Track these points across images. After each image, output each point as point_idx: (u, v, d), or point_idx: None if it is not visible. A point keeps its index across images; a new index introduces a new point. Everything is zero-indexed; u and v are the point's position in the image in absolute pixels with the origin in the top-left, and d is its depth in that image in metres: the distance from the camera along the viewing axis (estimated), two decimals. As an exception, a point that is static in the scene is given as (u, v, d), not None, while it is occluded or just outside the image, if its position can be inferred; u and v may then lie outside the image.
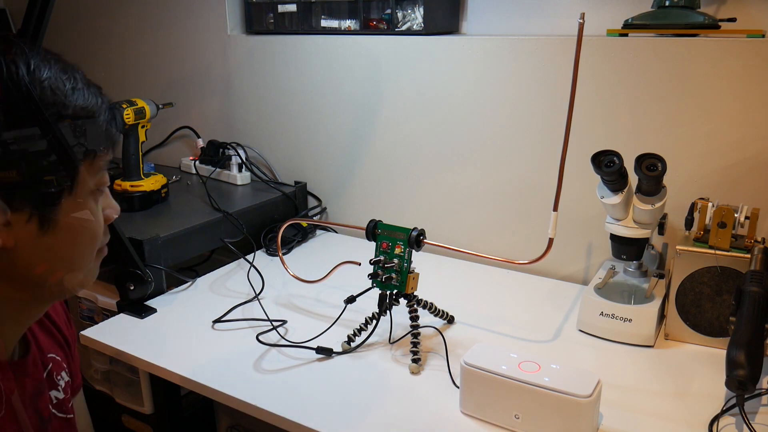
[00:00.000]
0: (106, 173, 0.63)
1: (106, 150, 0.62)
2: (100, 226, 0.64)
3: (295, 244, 1.40)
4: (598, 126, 1.16)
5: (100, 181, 0.62)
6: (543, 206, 1.25)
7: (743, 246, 0.94)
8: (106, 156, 0.62)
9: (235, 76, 1.59)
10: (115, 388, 1.15)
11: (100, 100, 0.61)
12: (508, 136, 1.26)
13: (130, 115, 1.31)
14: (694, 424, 0.79)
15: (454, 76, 1.28)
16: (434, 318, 1.05)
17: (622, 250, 1.02)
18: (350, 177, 1.48)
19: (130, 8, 1.73)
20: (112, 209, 0.67)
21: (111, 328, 1.03)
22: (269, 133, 1.57)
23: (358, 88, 1.41)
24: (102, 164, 0.62)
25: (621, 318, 0.98)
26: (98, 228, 0.63)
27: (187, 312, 1.09)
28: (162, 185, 1.38)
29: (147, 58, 1.74)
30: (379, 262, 0.98)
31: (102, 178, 0.63)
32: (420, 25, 1.30)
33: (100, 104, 0.60)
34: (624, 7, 1.18)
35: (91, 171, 0.60)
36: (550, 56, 1.17)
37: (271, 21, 1.51)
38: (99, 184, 0.62)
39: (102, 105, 0.61)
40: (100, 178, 0.62)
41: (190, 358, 0.95)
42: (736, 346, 0.78)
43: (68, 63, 0.60)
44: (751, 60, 1.01)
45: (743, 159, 1.06)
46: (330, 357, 0.95)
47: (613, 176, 0.95)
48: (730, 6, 1.10)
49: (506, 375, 0.77)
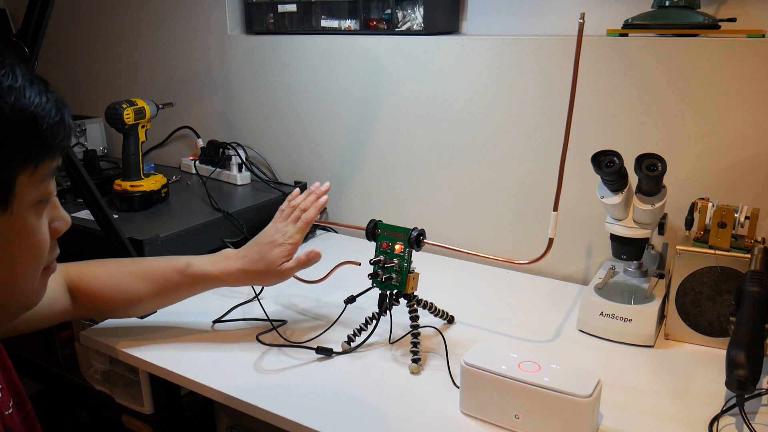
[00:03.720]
0: (53, 182, 0.56)
1: (50, 156, 0.54)
2: (45, 243, 0.56)
3: (295, 244, 1.40)
4: (598, 126, 1.16)
5: (43, 192, 0.54)
6: (543, 206, 1.25)
7: (743, 246, 0.94)
8: (51, 163, 0.54)
9: (235, 76, 1.59)
10: (115, 388, 1.15)
11: (44, 99, 0.52)
12: (508, 136, 1.26)
13: (130, 115, 1.31)
14: (694, 424, 0.79)
15: (454, 76, 1.28)
16: (434, 318, 1.05)
17: (622, 250, 1.02)
18: (350, 177, 1.48)
19: (130, 8, 1.73)
20: (61, 221, 0.59)
21: (111, 328, 1.03)
22: (269, 133, 1.57)
23: (358, 88, 1.41)
24: (46, 173, 0.54)
25: (621, 318, 0.98)
26: (41, 246, 0.56)
27: (187, 312, 1.09)
28: (162, 185, 1.38)
29: (147, 58, 1.74)
30: (379, 262, 0.98)
31: (46, 188, 0.54)
32: (420, 25, 1.30)
33: (43, 104, 0.52)
34: (624, 7, 1.18)
35: (32, 182, 0.52)
36: (550, 56, 1.17)
37: (271, 21, 1.51)
38: (43, 196, 0.54)
39: (46, 104, 0.52)
40: (44, 188, 0.54)
41: (190, 358, 0.95)
42: (736, 346, 0.78)
43: (7, 55, 0.52)
44: (751, 60, 1.01)
45: (743, 159, 1.06)
46: (330, 357, 0.95)
47: (613, 176, 0.95)
48: (730, 6, 1.10)
49: (506, 375, 0.77)
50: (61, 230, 0.59)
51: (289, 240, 0.97)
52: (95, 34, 1.83)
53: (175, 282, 0.96)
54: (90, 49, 1.85)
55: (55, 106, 0.53)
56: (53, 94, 0.54)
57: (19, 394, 0.70)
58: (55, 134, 0.53)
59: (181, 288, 0.97)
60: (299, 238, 0.99)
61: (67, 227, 0.60)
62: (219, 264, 0.97)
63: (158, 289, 0.95)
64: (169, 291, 0.96)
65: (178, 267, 0.96)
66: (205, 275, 0.96)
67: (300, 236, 0.99)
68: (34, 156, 0.52)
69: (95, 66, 1.86)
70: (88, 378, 1.23)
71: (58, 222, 0.59)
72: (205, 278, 0.97)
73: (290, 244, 0.97)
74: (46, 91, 0.53)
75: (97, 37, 1.83)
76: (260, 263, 0.96)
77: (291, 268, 0.97)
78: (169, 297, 0.98)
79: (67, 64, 1.91)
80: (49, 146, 0.53)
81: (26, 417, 0.70)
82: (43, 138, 0.52)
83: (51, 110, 0.52)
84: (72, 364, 1.27)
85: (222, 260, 0.97)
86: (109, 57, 1.82)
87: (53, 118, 0.53)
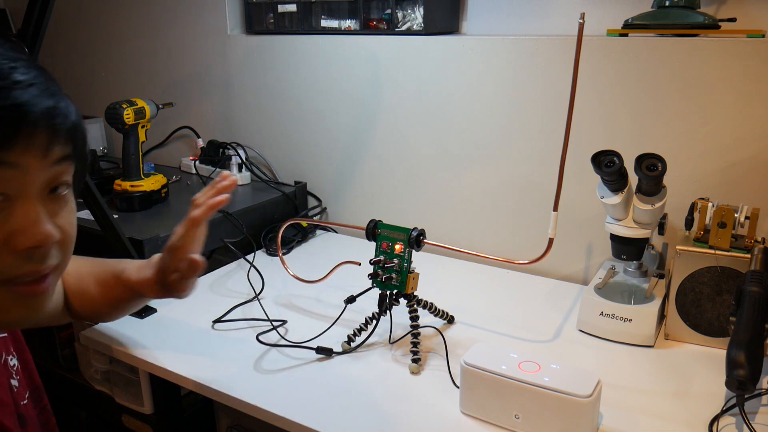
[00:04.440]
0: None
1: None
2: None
3: (295, 244, 1.40)
4: (598, 126, 1.16)
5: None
6: (543, 206, 1.25)
7: (743, 246, 0.94)
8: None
9: (235, 76, 1.59)
10: (115, 388, 1.15)
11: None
12: (508, 136, 1.26)
13: (130, 115, 1.31)
14: (694, 424, 0.79)
15: (454, 76, 1.28)
16: (434, 318, 1.05)
17: (622, 250, 1.02)
18: (350, 177, 1.48)
19: (130, 8, 1.73)
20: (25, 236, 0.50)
21: (111, 328, 1.03)
22: (269, 133, 1.57)
23: (358, 88, 1.41)
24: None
25: (621, 318, 0.98)
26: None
27: (187, 312, 1.09)
28: (162, 185, 1.38)
29: (147, 58, 1.74)
30: (379, 262, 0.98)
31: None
32: (420, 25, 1.30)
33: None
34: (624, 7, 1.18)
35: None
36: (550, 56, 1.17)
37: (271, 21, 1.51)
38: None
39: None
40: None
41: (190, 358, 0.95)
42: (736, 346, 0.78)
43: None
44: (751, 60, 1.01)
45: (743, 159, 1.06)
46: (330, 357, 0.95)
47: (613, 176, 0.95)
48: (730, 6, 1.10)
49: (506, 375, 0.77)
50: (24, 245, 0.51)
51: (176, 243, 0.79)
52: (95, 34, 1.83)
53: (113, 287, 0.86)
54: (90, 49, 1.85)
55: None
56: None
57: (38, 389, 0.70)
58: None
59: (120, 295, 0.87)
60: (184, 242, 0.79)
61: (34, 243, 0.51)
62: (140, 272, 0.85)
63: (103, 293, 0.87)
64: (111, 297, 0.87)
65: (116, 271, 0.86)
66: (130, 284, 0.85)
67: (185, 239, 0.79)
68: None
69: (95, 66, 1.86)
70: (88, 378, 1.23)
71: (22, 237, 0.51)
72: (130, 288, 0.85)
73: (176, 248, 0.79)
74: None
75: (97, 37, 1.83)
76: (160, 273, 0.82)
77: (175, 280, 0.80)
78: (114, 305, 0.89)
79: (67, 64, 1.91)
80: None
81: (42, 411, 0.71)
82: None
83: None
84: (72, 364, 1.27)
85: (143, 268, 0.85)
86: (109, 57, 1.82)
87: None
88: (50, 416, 0.72)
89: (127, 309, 0.93)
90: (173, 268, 0.79)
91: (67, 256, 0.58)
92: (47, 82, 0.52)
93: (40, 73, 0.52)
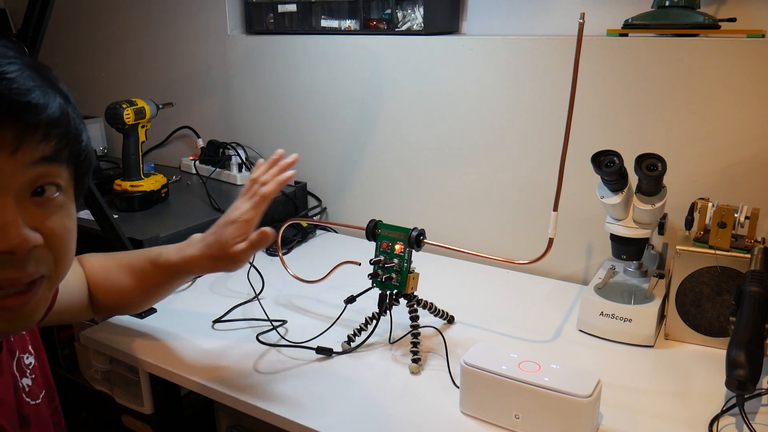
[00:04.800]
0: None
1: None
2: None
3: (295, 244, 1.40)
4: (598, 126, 1.16)
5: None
6: (543, 206, 1.25)
7: (743, 246, 0.94)
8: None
9: (235, 76, 1.59)
10: (115, 388, 1.15)
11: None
12: (508, 136, 1.26)
13: (130, 115, 1.31)
14: (694, 424, 0.79)
15: (454, 76, 1.28)
16: (434, 318, 1.05)
17: (622, 250, 1.02)
18: (350, 177, 1.48)
19: (130, 8, 1.73)
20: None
21: (111, 328, 1.03)
22: (269, 133, 1.57)
23: (358, 88, 1.41)
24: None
25: (621, 318, 0.98)
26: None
27: (187, 312, 1.09)
28: (162, 185, 1.38)
29: (147, 58, 1.74)
30: (379, 262, 0.98)
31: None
32: (420, 25, 1.30)
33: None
34: (624, 7, 1.18)
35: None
36: (550, 56, 1.17)
37: (271, 21, 1.51)
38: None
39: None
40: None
41: (190, 358, 0.95)
42: (736, 346, 0.78)
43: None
44: (751, 60, 1.01)
45: (743, 159, 1.06)
46: (330, 357, 0.95)
47: (613, 176, 0.95)
48: (730, 6, 1.10)
49: (506, 375, 0.77)
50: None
51: (242, 216, 0.86)
52: (95, 34, 1.83)
53: (150, 273, 0.90)
54: (90, 49, 1.85)
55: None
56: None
57: (51, 390, 0.71)
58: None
59: (157, 280, 0.91)
60: (253, 215, 0.86)
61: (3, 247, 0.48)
62: (182, 251, 0.89)
63: (139, 282, 0.90)
64: (148, 284, 0.91)
65: (151, 257, 0.90)
66: (171, 265, 0.89)
67: (254, 213, 0.86)
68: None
69: (95, 66, 1.86)
70: (88, 378, 1.23)
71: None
72: (172, 268, 0.90)
73: (243, 221, 0.85)
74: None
75: (97, 37, 1.83)
76: (215, 246, 0.86)
77: (243, 250, 0.85)
78: (150, 291, 0.93)
79: (67, 64, 1.91)
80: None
81: (54, 411, 0.71)
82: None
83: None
84: (72, 364, 1.27)
85: (186, 247, 0.89)
86: (109, 57, 1.82)
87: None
88: (61, 418, 0.72)
89: (163, 294, 0.96)
90: (238, 239, 0.84)
91: (61, 263, 0.55)
92: (29, 78, 0.49)
93: (23, 68, 0.49)
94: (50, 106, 0.50)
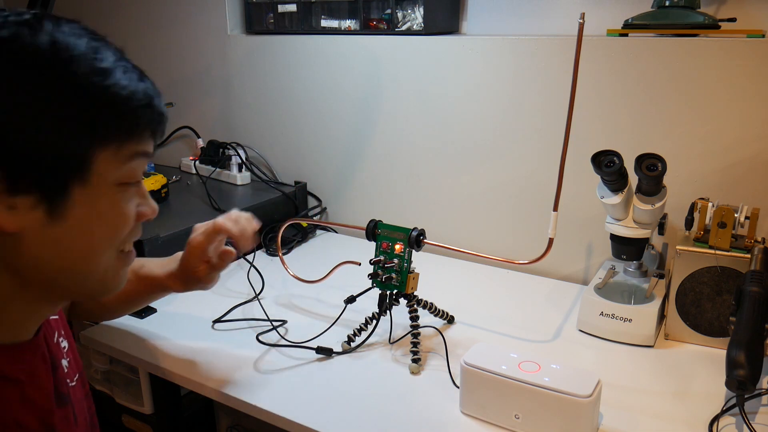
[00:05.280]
0: (140, 166, 0.58)
1: (136, 138, 0.56)
2: (125, 220, 0.58)
3: (295, 244, 1.40)
4: (598, 126, 1.16)
5: (127, 174, 0.56)
6: (543, 206, 1.25)
7: (743, 246, 0.94)
8: (137, 145, 0.56)
9: (235, 76, 1.59)
10: (115, 388, 1.15)
11: (134, 83, 0.55)
12: (508, 136, 1.26)
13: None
14: (694, 424, 0.79)
15: (454, 76, 1.28)
16: (434, 318, 1.05)
17: (622, 250, 1.02)
18: (350, 177, 1.48)
19: (130, 8, 1.73)
20: (147, 207, 0.61)
21: (111, 328, 1.03)
22: (269, 133, 1.57)
23: (358, 88, 1.41)
24: (129, 155, 0.55)
25: (621, 318, 0.98)
26: (120, 223, 0.58)
27: (187, 312, 1.09)
28: (162, 185, 1.38)
29: (147, 58, 1.74)
30: (379, 262, 0.98)
31: (131, 171, 0.56)
32: (420, 25, 1.30)
33: (131, 87, 0.55)
34: (624, 7, 1.18)
35: (114, 162, 0.55)
36: (550, 56, 1.17)
37: (271, 21, 1.51)
38: (126, 178, 0.56)
39: (134, 88, 0.55)
40: (129, 170, 0.56)
41: (190, 358, 0.95)
42: (736, 346, 0.78)
43: (107, 42, 0.56)
44: (751, 60, 1.01)
45: (743, 159, 1.06)
46: (330, 357, 0.95)
47: (613, 176, 0.95)
48: (730, 6, 1.10)
49: (506, 375, 0.77)
50: (147, 215, 0.61)
51: (192, 242, 0.87)
52: (95, 34, 1.83)
53: (131, 282, 0.89)
54: (90, 49, 1.85)
55: (143, 92, 0.56)
56: (146, 83, 0.57)
57: (83, 374, 0.72)
58: (139, 117, 0.56)
59: (137, 290, 0.91)
60: (201, 240, 0.86)
61: (153, 215, 0.62)
62: (165, 267, 0.90)
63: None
64: (127, 293, 0.89)
65: (133, 267, 0.90)
66: (153, 278, 0.90)
67: (202, 238, 0.86)
68: (114, 135, 0.54)
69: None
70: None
71: (145, 207, 0.61)
72: (154, 281, 0.91)
73: (193, 246, 0.86)
74: (139, 79, 0.56)
75: (97, 37, 1.82)
76: (184, 267, 0.88)
77: (206, 273, 0.87)
78: (128, 300, 0.93)
79: (67, 64, 1.91)
80: (131, 128, 0.55)
81: (86, 395, 0.72)
82: (125, 119, 0.55)
83: (137, 94, 0.55)
84: (72, 364, 1.27)
85: (168, 263, 0.91)
86: (109, 57, 1.81)
87: (139, 101, 0.55)
88: (92, 402, 0.74)
89: (140, 304, 0.97)
90: (199, 263, 0.86)
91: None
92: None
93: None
94: (158, 102, 0.60)
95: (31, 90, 0.50)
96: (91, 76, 0.53)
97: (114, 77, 0.54)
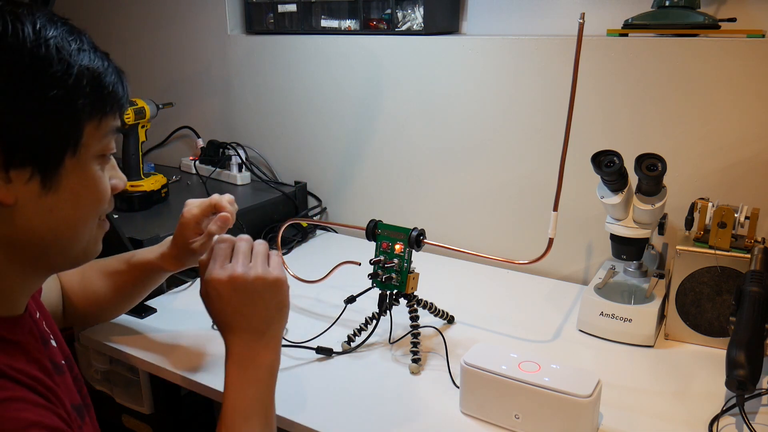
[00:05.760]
0: (113, 141, 0.63)
1: (112, 113, 0.62)
2: (106, 191, 0.63)
3: (295, 244, 1.40)
4: (598, 126, 1.16)
5: (106, 147, 0.62)
6: (543, 206, 1.25)
7: (743, 246, 0.94)
8: (112, 120, 0.62)
9: (235, 76, 1.59)
10: (115, 388, 1.15)
11: (105, 64, 0.61)
12: (508, 136, 1.26)
13: (130, 115, 1.31)
14: (694, 424, 0.79)
15: (454, 76, 1.28)
16: (434, 318, 1.05)
17: (622, 250, 1.02)
18: (350, 177, 1.48)
19: (130, 8, 1.73)
20: (118, 179, 0.66)
21: (111, 328, 1.03)
22: (269, 133, 1.57)
23: (358, 88, 1.41)
24: (108, 129, 0.61)
25: (621, 318, 0.98)
26: (103, 193, 0.63)
27: (187, 312, 1.09)
28: (162, 185, 1.38)
29: (147, 58, 1.74)
30: (379, 262, 0.98)
31: (108, 144, 0.62)
32: (420, 25, 1.30)
33: (105, 67, 0.61)
34: (624, 7, 1.18)
35: (97, 135, 0.60)
36: (550, 56, 1.17)
37: (271, 21, 1.51)
38: (105, 150, 0.62)
39: (108, 68, 0.61)
40: (107, 143, 0.62)
41: (190, 358, 0.95)
42: (736, 346, 0.78)
43: (75, 27, 0.61)
44: (751, 60, 1.01)
45: (743, 159, 1.06)
46: (330, 357, 0.95)
47: (613, 176, 0.95)
48: (730, 6, 1.10)
49: (506, 375, 0.77)
50: (119, 187, 0.66)
51: (186, 214, 0.89)
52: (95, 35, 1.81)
53: (125, 273, 0.93)
54: (90, 49, 1.85)
55: (115, 72, 0.62)
56: (112, 62, 0.63)
57: (69, 358, 0.74)
58: (115, 93, 0.62)
59: (132, 279, 0.94)
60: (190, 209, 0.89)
61: (124, 186, 0.67)
62: (156, 251, 0.93)
63: (114, 283, 0.94)
64: (123, 284, 0.94)
65: (125, 257, 0.94)
66: (146, 263, 0.93)
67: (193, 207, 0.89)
68: (99, 109, 0.60)
69: (95, 66, 1.86)
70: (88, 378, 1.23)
71: (116, 180, 0.66)
72: (146, 266, 0.93)
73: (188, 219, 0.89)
74: (107, 59, 0.62)
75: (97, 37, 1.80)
76: (175, 242, 0.90)
77: (197, 242, 0.89)
78: (125, 292, 0.95)
79: (67, 64, 1.91)
80: (111, 102, 0.61)
81: (75, 378, 0.73)
82: (106, 94, 0.60)
83: (111, 74, 0.62)
84: (72, 364, 1.27)
85: (158, 247, 0.94)
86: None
87: (113, 79, 0.62)
88: (82, 385, 0.75)
89: (137, 295, 0.97)
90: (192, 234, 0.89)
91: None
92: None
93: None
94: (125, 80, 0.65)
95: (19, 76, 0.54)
96: (74, 56, 0.58)
97: (90, 57, 0.60)
